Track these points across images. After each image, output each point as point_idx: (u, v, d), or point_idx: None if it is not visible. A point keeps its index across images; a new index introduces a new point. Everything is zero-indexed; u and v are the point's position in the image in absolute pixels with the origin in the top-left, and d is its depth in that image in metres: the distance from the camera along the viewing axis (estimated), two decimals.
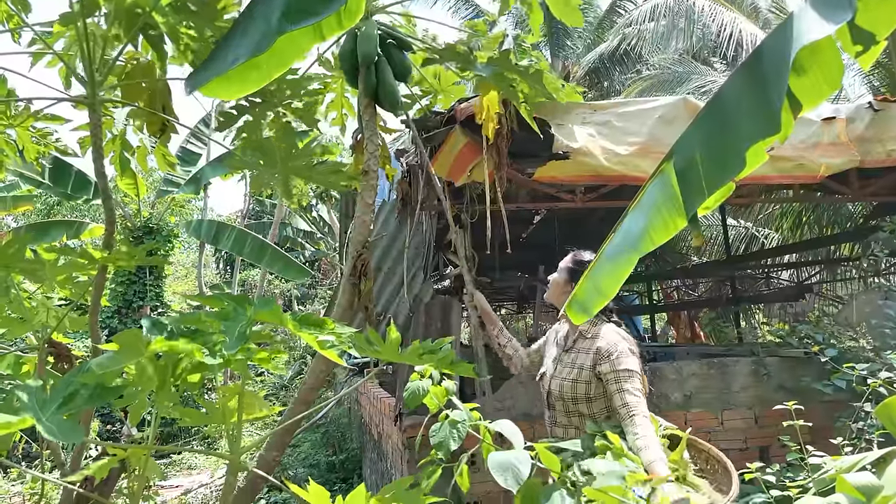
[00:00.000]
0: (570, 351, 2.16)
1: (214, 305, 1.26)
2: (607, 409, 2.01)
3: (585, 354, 2.08)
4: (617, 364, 1.96)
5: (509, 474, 1.03)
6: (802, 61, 1.16)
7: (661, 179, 1.41)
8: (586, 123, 3.07)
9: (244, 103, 2.14)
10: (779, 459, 2.96)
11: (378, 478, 4.78)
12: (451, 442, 1.17)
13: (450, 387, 1.32)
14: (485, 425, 1.21)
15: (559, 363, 2.17)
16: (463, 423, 1.19)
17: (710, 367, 3.72)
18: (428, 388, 1.30)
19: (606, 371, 1.97)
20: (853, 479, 1.30)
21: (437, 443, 1.18)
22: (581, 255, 2.29)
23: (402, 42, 2.08)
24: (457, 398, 1.32)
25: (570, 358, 2.13)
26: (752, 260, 9.00)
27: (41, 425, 1.00)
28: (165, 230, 8.92)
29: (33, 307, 1.86)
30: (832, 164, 3.53)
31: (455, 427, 1.20)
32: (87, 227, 8.04)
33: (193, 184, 8.57)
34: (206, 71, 1.45)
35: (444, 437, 1.18)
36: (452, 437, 1.18)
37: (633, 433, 1.79)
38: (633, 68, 12.30)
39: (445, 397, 1.32)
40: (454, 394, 1.32)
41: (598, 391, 2.02)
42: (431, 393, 1.30)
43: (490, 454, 1.10)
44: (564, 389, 2.06)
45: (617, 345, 2.01)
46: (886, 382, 2.45)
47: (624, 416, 1.87)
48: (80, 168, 7.84)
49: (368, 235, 2.05)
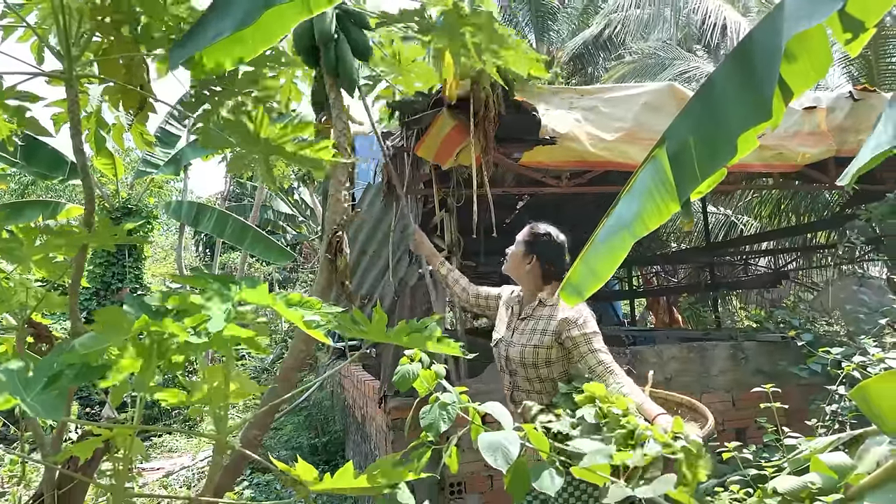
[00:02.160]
0: (527, 319, 2.24)
1: (198, 285, 1.25)
2: (565, 373, 2.12)
3: (546, 321, 2.16)
4: (585, 328, 2.08)
5: (499, 454, 1.04)
6: (793, 48, 1.17)
7: (654, 165, 1.42)
8: (573, 108, 3.07)
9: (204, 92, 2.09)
10: (755, 441, 3.04)
11: (361, 459, 4.80)
12: (442, 423, 1.18)
13: (439, 370, 1.32)
14: (473, 407, 1.22)
15: (515, 331, 2.25)
16: (453, 406, 1.20)
17: (690, 350, 3.79)
18: (418, 372, 1.31)
19: (576, 335, 2.07)
20: (827, 459, 1.34)
21: (428, 424, 1.18)
22: (537, 228, 2.34)
23: (358, 18, 2.03)
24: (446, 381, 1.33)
25: (528, 325, 2.22)
26: (731, 247, 9.14)
27: (25, 405, 0.99)
28: (144, 211, 8.77)
29: (10, 287, 1.82)
30: (810, 154, 3.59)
31: (445, 409, 1.20)
32: (64, 208, 7.86)
33: (173, 165, 8.41)
34: (189, 45, 1.41)
35: (434, 419, 1.19)
36: (442, 419, 1.19)
37: (616, 384, 1.90)
38: (616, 54, 12.30)
39: (435, 381, 1.32)
40: (443, 377, 1.33)
41: (559, 355, 2.12)
42: (421, 377, 1.31)
43: (479, 435, 1.11)
44: (525, 355, 2.15)
45: (581, 311, 2.13)
46: (860, 366, 2.52)
47: (602, 372, 1.99)
48: (54, 147, 7.65)
49: (344, 213, 2.03)
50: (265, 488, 5.19)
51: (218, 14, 1.35)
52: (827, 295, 4.40)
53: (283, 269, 16.87)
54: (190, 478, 5.43)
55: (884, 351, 2.82)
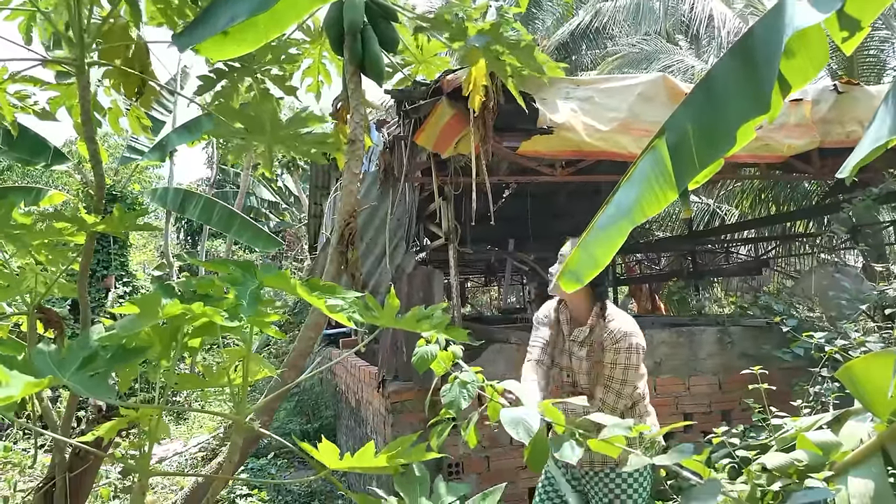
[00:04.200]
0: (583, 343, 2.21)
1: (221, 270, 1.29)
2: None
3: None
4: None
5: (521, 428, 1.10)
6: (791, 45, 1.22)
7: (653, 155, 1.46)
8: (569, 98, 3.12)
9: (223, 67, 2.10)
10: (740, 422, 3.16)
11: (355, 443, 4.86)
12: (462, 401, 1.24)
13: (457, 351, 1.38)
14: (491, 385, 1.27)
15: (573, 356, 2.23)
16: (472, 384, 1.25)
17: (679, 335, 3.90)
18: (436, 353, 1.36)
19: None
20: (813, 437, 1.43)
21: (449, 402, 1.24)
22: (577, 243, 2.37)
23: (387, 11, 2.06)
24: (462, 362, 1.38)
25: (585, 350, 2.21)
26: (713, 235, 9.31)
27: (68, 384, 1.02)
28: (129, 198, 8.66)
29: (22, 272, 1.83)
30: (795, 145, 3.69)
31: (465, 387, 1.26)
32: (47, 194, 7.73)
33: (158, 151, 8.28)
34: (200, 28, 1.41)
35: (455, 397, 1.25)
36: (463, 396, 1.24)
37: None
38: (602, 44, 12.35)
39: (452, 361, 1.38)
40: (460, 358, 1.38)
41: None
42: (439, 357, 1.36)
43: (501, 411, 1.16)
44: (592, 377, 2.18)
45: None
46: (842, 349, 2.63)
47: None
48: (37, 132, 7.49)
49: (356, 205, 2.07)
50: (259, 473, 5.24)
51: None
52: (808, 282, 4.54)
53: (266, 257, 16.78)
54: (182, 464, 5.44)
55: (864, 335, 2.95)
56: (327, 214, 5.94)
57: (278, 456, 5.72)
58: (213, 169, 13.61)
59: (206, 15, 1.39)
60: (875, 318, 3.71)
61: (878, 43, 8.77)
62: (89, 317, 2.02)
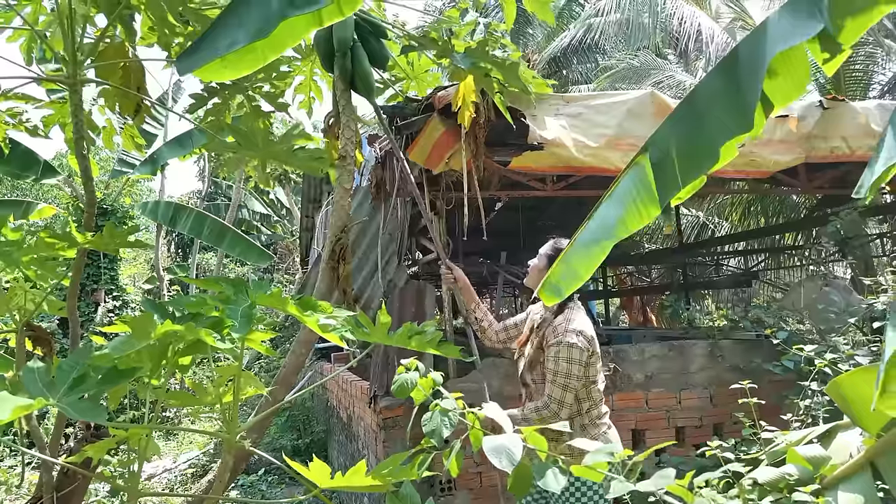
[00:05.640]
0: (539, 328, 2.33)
1: (212, 288, 1.29)
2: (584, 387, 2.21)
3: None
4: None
5: (503, 456, 1.10)
6: (775, 65, 1.24)
7: (637, 171, 1.46)
8: (559, 115, 3.16)
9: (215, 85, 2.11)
10: (731, 435, 3.16)
11: (347, 459, 4.82)
12: (444, 429, 1.23)
13: (436, 377, 1.38)
14: (472, 412, 1.27)
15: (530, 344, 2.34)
16: (454, 412, 1.25)
17: (670, 349, 3.92)
18: (416, 381, 1.36)
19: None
20: (803, 451, 1.43)
21: (430, 430, 1.24)
22: (560, 243, 2.41)
23: (377, 29, 2.08)
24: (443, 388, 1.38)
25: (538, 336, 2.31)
26: (703, 248, 9.37)
27: (58, 406, 1.01)
28: (120, 211, 8.62)
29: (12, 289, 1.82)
30: (780, 161, 3.75)
31: (446, 415, 1.26)
32: (37, 208, 7.68)
33: (150, 164, 8.27)
34: (200, 52, 1.42)
35: (437, 426, 1.24)
36: (444, 425, 1.24)
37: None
38: (593, 59, 12.49)
39: (432, 387, 1.38)
40: (441, 384, 1.38)
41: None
42: (419, 384, 1.36)
43: (484, 439, 1.16)
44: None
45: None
46: (832, 363, 2.65)
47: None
48: (27, 146, 7.46)
49: (347, 220, 2.08)
50: (250, 490, 5.18)
51: (232, 23, 1.37)
52: (797, 295, 4.58)
53: (258, 270, 16.70)
54: (172, 481, 5.38)
55: (853, 348, 2.97)
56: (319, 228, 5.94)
57: (269, 472, 5.67)
58: (205, 182, 13.57)
59: (205, 40, 1.40)
60: (864, 331, 3.74)
61: (864, 58, 8.92)
62: (79, 333, 2.01)
